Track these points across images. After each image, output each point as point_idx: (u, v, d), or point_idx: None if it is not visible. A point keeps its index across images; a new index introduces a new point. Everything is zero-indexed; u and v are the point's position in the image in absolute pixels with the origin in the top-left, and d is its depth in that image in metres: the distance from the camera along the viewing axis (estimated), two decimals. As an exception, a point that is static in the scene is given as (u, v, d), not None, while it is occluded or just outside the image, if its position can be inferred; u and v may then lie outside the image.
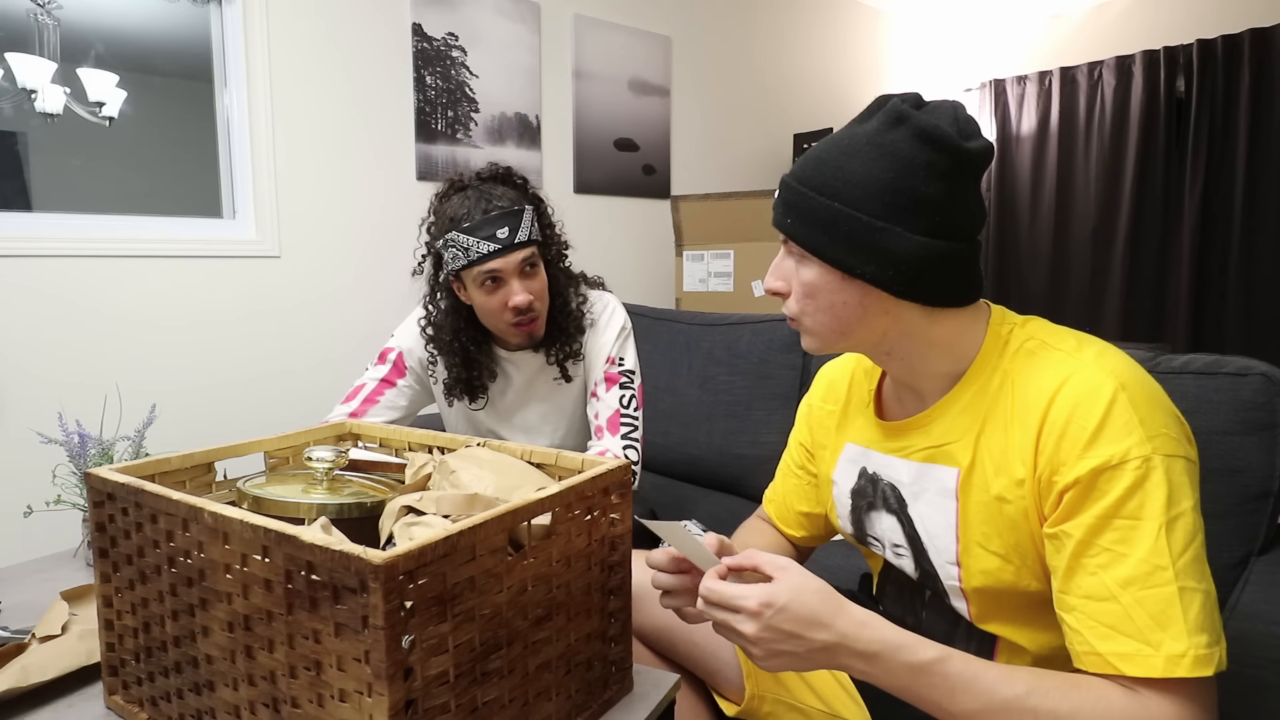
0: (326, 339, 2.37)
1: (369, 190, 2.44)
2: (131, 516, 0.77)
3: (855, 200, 0.74)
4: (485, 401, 1.52)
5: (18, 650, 0.87)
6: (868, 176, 0.73)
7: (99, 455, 1.22)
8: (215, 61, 2.19)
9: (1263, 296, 3.49)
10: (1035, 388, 0.72)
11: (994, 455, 0.75)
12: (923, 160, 0.73)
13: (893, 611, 0.94)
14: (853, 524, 0.93)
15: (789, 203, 0.79)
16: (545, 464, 0.92)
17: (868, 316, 0.78)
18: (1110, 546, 0.67)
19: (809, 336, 0.82)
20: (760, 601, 0.67)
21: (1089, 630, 0.67)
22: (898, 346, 0.80)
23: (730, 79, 3.49)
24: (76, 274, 1.94)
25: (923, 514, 0.82)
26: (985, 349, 0.78)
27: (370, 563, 0.56)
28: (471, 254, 1.30)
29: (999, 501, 0.75)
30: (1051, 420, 0.70)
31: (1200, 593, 0.65)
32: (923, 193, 0.72)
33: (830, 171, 0.76)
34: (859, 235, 0.74)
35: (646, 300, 3.16)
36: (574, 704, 0.79)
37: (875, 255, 0.74)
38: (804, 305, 0.80)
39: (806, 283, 0.78)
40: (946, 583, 0.81)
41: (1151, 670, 0.64)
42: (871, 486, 0.89)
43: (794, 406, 1.87)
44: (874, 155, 0.74)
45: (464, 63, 2.60)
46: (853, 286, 0.76)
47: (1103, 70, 3.92)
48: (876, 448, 0.88)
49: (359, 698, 0.60)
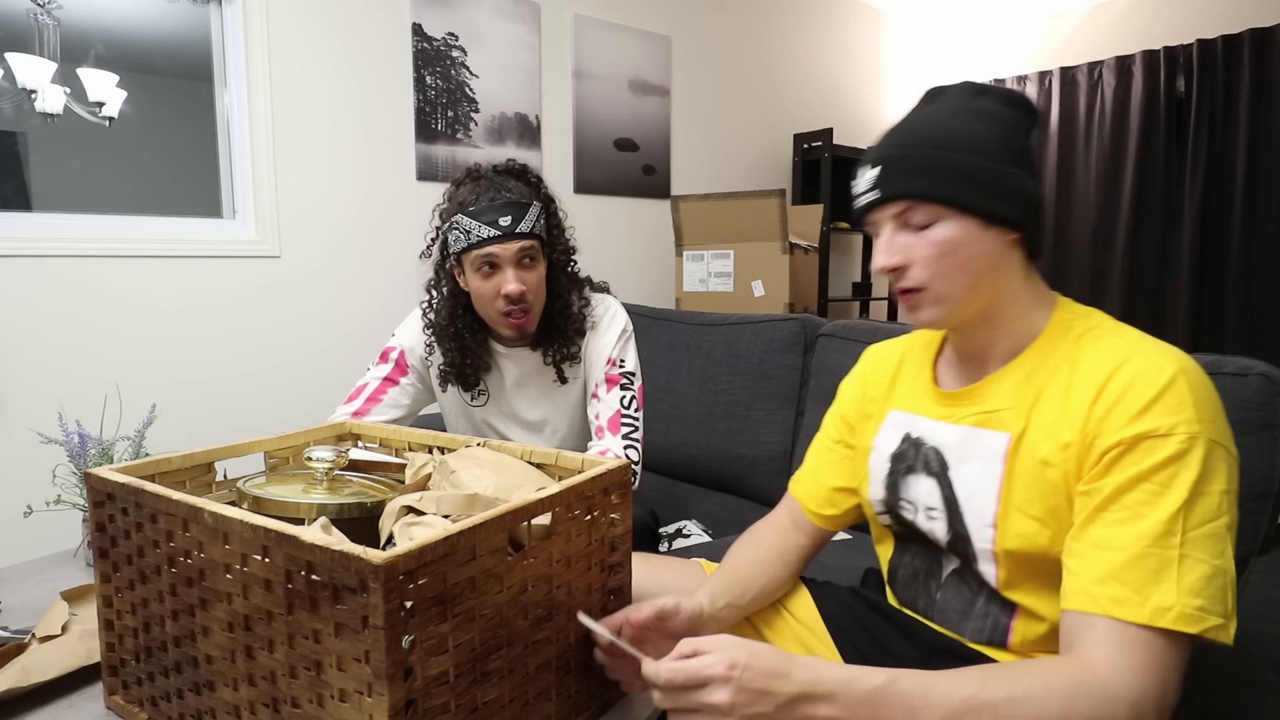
0: (326, 339, 2.37)
1: (369, 190, 2.44)
2: (131, 516, 0.77)
3: (983, 151, 0.79)
4: (486, 399, 1.52)
5: (18, 650, 0.87)
6: (982, 132, 0.80)
7: (99, 455, 1.22)
8: (215, 61, 2.19)
9: (1263, 296, 3.49)
10: (1097, 364, 0.76)
11: (1045, 424, 0.78)
12: (1014, 118, 0.81)
13: (904, 596, 0.95)
14: (886, 488, 0.94)
15: (914, 168, 0.80)
16: (545, 464, 0.92)
17: (995, 269, 0.81)
18: (1132, 505, 0.69)
19: (936, 305, 0.82)
20: (727, 664, 0.64)
21: (1088, 572, 0.70)
22: (997, 310, 0.83)
23: (730, 79, 3.49)
24: (76, 274, 1.94)
25: (965, 477, 0.84)
26: (1050, 328, 0.82)
27: (370, 563, 0.56)
28: (472, 237, 1.32)
29: (1043, 465, 0.77)
30: (1110, 389, 0.73)
31: (1205, 564, 0.67)
32: (1023, 144, 0.81)
33: (944, 133, 0.80)
34: (997, 181, 0.79)
35: (646, 300, 3.16)
36: (574, 704, 0.79)
37: (1011, 196, 0.79)
38: (937, 268, 0.80)
39: (943, 240, 0.79)
40: (979, 545, 0.82)
41: (1137, 616, 0.66)
42: (914, 450, 0.91)
43: (794, 406, 1.89)
44: (975, 118, 0.80)
45: (464, 63, 2.60)
46: (989, 236, 0.79)
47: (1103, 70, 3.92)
48: (926, 413, 0.91)
49: (359, 698, 0.60)
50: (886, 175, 0.81)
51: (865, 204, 0.84)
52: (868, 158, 0.84)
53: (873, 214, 0.84)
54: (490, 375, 1.50)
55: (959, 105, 0.82)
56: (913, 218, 0.80)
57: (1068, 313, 0.83)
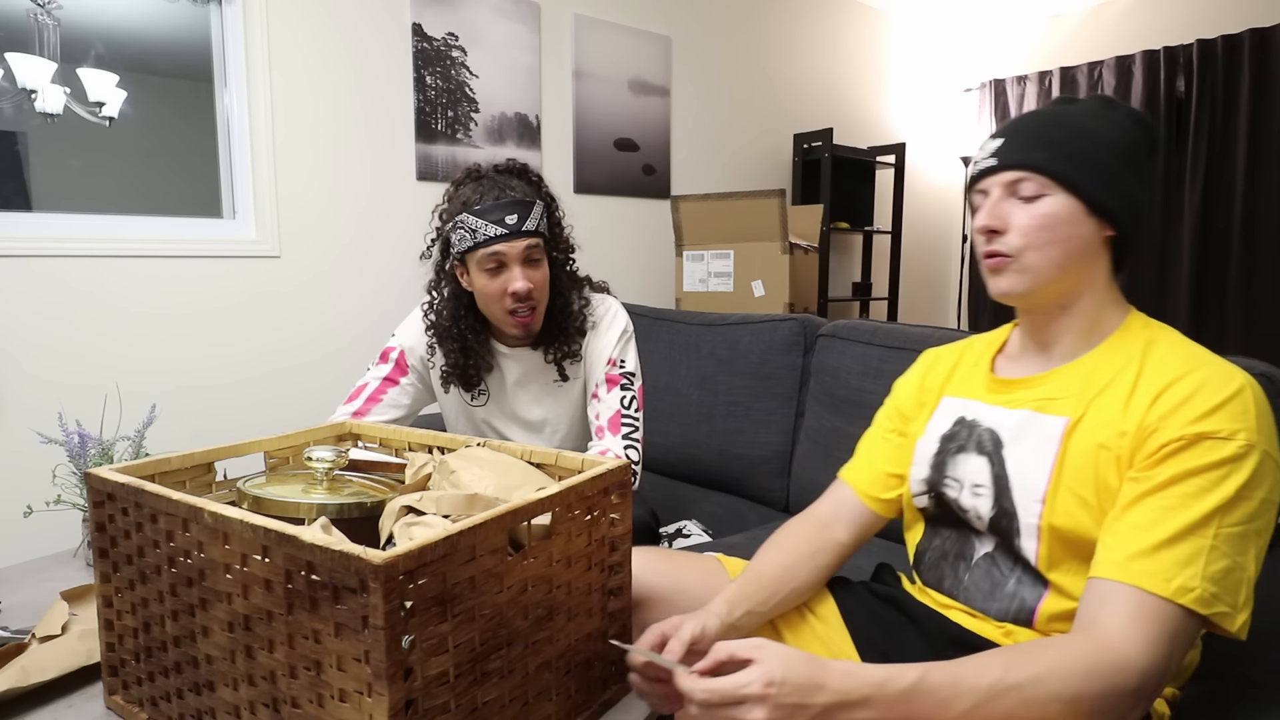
0: (326, 339, 2.37)
1: (369, 190, 2.44)
2: (131, 516, 0.77)
3: (1103, 147, 0.84)
4: (486, 399, 1.52)
5: (18, 650, 0.87)
6: (1110, 134, 0.85)
7: (99, 455, 1.22)
8: (215, 61, 2.19)
9: (1263, 296, 3.49)
10: (1167, 367, 0.80)
11: (1105, 413, 0.82)
12: (1139, 137, 0.86)
13: (929, 577, 0.98)
14: (932, 468, 0.97)
15: (1036, 144, 0.85)
16: (545, 464, 0.92)
17: (1086, 256, 0.85)
18: (1180, 495, 0.74)
19: (1020, 275, 0.86)
20: (764, 682, 0.66)
21: (1124, 547, 0.74)
22: (1077, 301, 0.88)
23: (730, 79, 3.49)
24: (76, 274, 1.94)
25: (1018, 456, 0.88)
26: (1122, 331, 0.87)
27: (370, 563, 0.56)
28: (478, 236, 1.32)
29: (1099, 448, 0.81)
30: (1176, 389, 0.77)
31: (1229, 559, 0.72)
32: (1140, 159, 0.86)
33: (1071, 124, 0.86)
34: (1109, 175, 0.84)
35: (646, 300, 3.16)
36: (574, 704, 0.79)
37: (1121, 193, 0.84)
38: (1032, 239, 0.84)
39: (1046, 214, 0.84)
40: (1024, 520, 0.85)
41: (1162, 590, 0.71)
42: (966, 431, 0.94)
43: (794, 406, 1.88)
44: (1105, 123, 0.86)
45: (464, 63, 2.60)
46: (1088, 224, 0.84)
47: (1103, 70, 3.93)
48: (983, 399, 0.95)
49: (359, 698, 0.60)
50: (1008, 146, 0.87)
51: (981, 169, 0.89)
52: (994, 133, 0.90)
53: (985, 180, 0.88)
54: (491, 375, 1.51)
55: (1090, 110, 0.88)
56: (1023, 188, 0.85)
57: (1139, 320, 0.88)
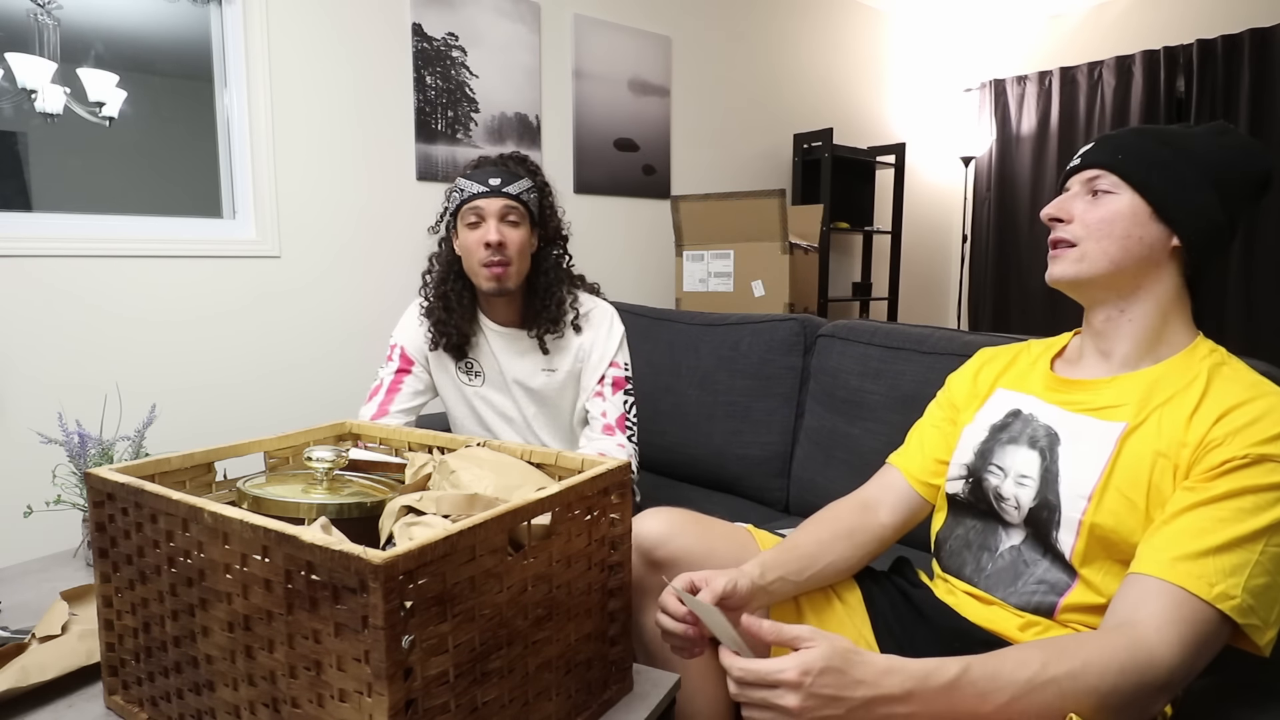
0: (327, 339, 2.37)
1: (369, 190, 2.44)
2: (131, 516, 0.77)
3: (1190, 160, 0.86)
4: (482, 380, 1.57)
5: (18, 650, 0.87)
6: (1207, 154, 0.87)
7: (99, 455, 1.22)
8: (215, 61, 2.19)
9: (1263, 296, 3.49)
10: (1233, 391, 0.82)
11: (1166, 424, 0.83)
12: (1241, 165, 0.87)
13: (950, 564, 1.00)
14: (976, 454, 0.98)
15: (1123, 146, 0.89)
16: (545, 464, 0.92)
17: (1145, 261, 0.87)
18: (1234, 510, 0.75)
19: (1078, 262, 0.90)
20: (800, 670, 0.68)
21: (1171, 549, 0.76)
22: (1136, 306, 0.89)
23: (730, 79, 3.48)
24: (76, 274, 1.94)
25: (1072, 453, 0.89)
26: (1190, 351, 0.88)
27: (370, 563, 0.56)
28: (465, 193, 1.44)
29: (1157, 455, 0.82)
30: (1241, 412, 0.79)
31: (1270, 576, 0.74)
32: (1237, 187, 0.87)
33: (1168, 135, 0.89)
34: (1185, 187, 0.86)
35: (646, 300, 3.16)
36: (574, 704, 0.79)
37: (1189, 208, 0.86)
38: (1094, 229, 0.88)
39: (1111, 210, 0.88)
40: (1066, 514, 0.86)
41: (1205, 593, 0.72)
42: (1020, 424, 0.96)
43: (794, 407, 1.88)
44: (1211, 146, 0.88)
45: (464, 63, 2.60)
46: (1152, 228, 0.87)
47: (1103, 70, 3.93)
48: (1041, 396, 0.96)
49: (359, 698, 0.60)
50: (1096, 148, 0.91)
51: (1069, 167, 0.94)
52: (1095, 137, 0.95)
53: (1071, 179, 0.94)
54: (483, 355, 1.56)
55: (1200, 130, 0.90)
56: (1098, 185, 0.89)
57: (1207, 345, 0.89)
